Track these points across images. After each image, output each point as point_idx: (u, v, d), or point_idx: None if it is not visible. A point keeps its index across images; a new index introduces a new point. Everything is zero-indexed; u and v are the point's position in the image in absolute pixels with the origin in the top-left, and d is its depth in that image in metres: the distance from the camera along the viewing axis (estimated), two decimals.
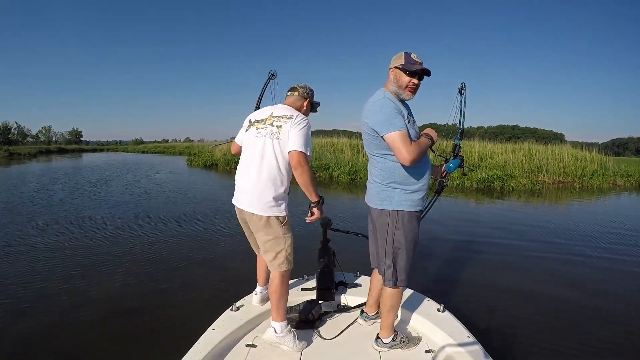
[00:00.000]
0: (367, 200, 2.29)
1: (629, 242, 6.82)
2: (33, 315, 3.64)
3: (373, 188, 2.22)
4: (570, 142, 21.28)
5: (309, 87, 2.54)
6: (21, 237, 6.43)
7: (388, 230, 2.15)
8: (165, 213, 8.61)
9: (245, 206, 2.31)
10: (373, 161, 2.21)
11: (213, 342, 2.19)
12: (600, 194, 13.79)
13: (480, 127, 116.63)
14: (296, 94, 2.48)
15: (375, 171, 2.20)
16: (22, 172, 21.13)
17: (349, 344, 2.38)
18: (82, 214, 8.46)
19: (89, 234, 6.64)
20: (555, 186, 15.33)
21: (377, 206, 2.19)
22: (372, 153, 2.19)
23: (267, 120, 2.33)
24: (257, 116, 2.43)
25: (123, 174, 18.58)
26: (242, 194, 2.34)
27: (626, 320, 3.78)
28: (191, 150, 37.23)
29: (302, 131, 2.23)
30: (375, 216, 2.22)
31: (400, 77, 2.11)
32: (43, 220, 7.60)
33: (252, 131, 2.38)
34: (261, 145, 2.28)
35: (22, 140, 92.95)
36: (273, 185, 2.25)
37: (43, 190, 12.20)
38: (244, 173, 2.35)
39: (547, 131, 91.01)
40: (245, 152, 2.40)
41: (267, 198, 2.24)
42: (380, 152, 2.12)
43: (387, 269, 2.20)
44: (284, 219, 2.31)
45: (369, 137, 2.14)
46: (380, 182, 2.16)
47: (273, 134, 2.26)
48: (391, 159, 2.09)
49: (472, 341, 2.28)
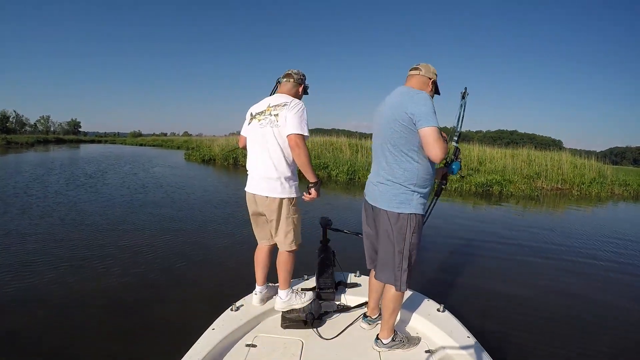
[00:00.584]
0: (376, 202, 2.21)
1: (628, 250, 6.82)
2: (22, 312, 3.52)
3: (390, 190, 2.14)
4: (569, 150, 21.35)
5: (302, 72, 2.65)
6: (12, 229, 6.34)
7: (406, 234, 2.12)
8: (163, 209, 8.55)
9: (258, 191, 2.49)
10: (398, 160, 2.10)
11: (213, 342, 2.18)
12: (598, 202, 13.82)
13: (479, 132, 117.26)
14: (292, 81, 2.60)
15: (398, 172, 2.11)
16: (19, 161, 21.00)
17: (349, 343, 2.37)
18: (77, 206, 8.39)
19: (84, 227, 6.57)
20: (553, 193, 15.34)
21: (393, 209, 2.12)
22: (400, 150, 2.09)
23: (266, 112, 2.49)
24: (257, 109, 2.57)
25: (120, 167, 18.48)
26: (254, 180, 2.52)
27: (621, 325, 3.80)
28: (189, 145, 37.08)
29: (297, 114, 2.37)
30: (391, 220, 2.14)
31: (431, 90, 2.26)
32: (36, 213, 7.49)
33: (254, 124, 2.54)
34: (263, 135, 2.45)
35: (20, 129, 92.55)
36: (281, 170, 2.43)
37: (38, 181, 12.09)
38: (253, 162, 2.53)
39: (546, 137, 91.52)
40: (251, 143, 2.56)
41: (278, 182, 2.43)
42: (409, 150, 2.07)
43: (402, 272, 2.18)
44: (294, 200, 2.50)
45: (404, 129, 2.04)
46: (402, 183, 2.10)
47: (272, 123, 2.43)
48: (416, 159, 2.08)
49: (472, 341, 2.28)
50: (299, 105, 2.40)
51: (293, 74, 2.59)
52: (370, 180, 2.33)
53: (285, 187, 2.44)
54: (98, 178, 13.43)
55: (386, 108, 2.16)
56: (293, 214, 2.50)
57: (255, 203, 2.55)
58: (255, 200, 2.53)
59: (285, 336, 2.41)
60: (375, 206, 2.22)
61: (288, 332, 2.45)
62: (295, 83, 2.59)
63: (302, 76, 2.64)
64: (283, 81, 2.60)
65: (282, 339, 2.38)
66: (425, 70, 2.23)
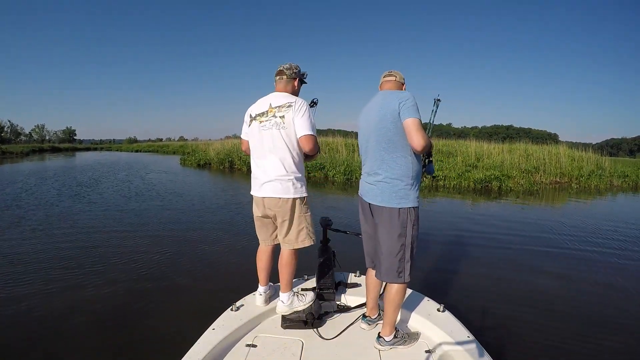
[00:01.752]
0: (377, 200, 2.26)
1: (630, 241, 6.77)
2: (7, 324, 3.42)
3: (389, 187, 2.21)
4: (565, 143, 21.41)
5: (293, 65, 2.59)
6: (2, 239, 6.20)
7: (407, 228, 2.21)
8: (159, 212, 8.46)
9: (269, 193, 2.45)
10: (394, 157, 2.20)
11: (213, 342, 2.19)
12: (597, 194, 13.82)
13: (474, 127, 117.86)
14: (285, 77, 2.54)
15: (395, 168, 2.20)
16: (14, 171, 20.86)
17: (349, 344, 2.37)
18: (73, 216, 8.29)
19: (78, 235, 6.46)
20: (552, 186, 15.33)
21: (394, 205, 2.19)
22: (395, 146, 2.18)
23: (268, 113, 2.44)
24: (256, 110, 2.52)
25: (114, 174, 18.39)
26: (262, 183, 2.47)
27: (625, 320, 3.76)
28: (185, 149, 36.93)
29: (305, 115, 2.40)
30: (393, 216, 2.20)
31: None
32: (28, 225, 7.38)
33: (255, 125, 2.50)
34: (270, 138, 2.42)
35: (15, 139, 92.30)
36: (292, 171, 2.43)
37: (30, 192, 11.95)
38: (260, 165, 2.49)
39: (542, 131, 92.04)
40: (255, 146, 2.52)
41: (290, 183, 2.43)
42: (403, 145, 2.16)
43: (406, 263, 2.26)
44: (305, 199, 2.51)
45: (395, 125, 2.15)
46: (400, 179, 2.19)
47: (278, 125, 2.40)
48: (410, 153, 2.18)
49: (472, 341, 2.29)
50: (305, 106, 2.43)
51: (285, 70, 2.54)
52: (365, 180, 2.38)
53: (297, 187, 2.45)
54: (92, 187, 13.32)
55: (374, 110, 2.26)
56: (305, 212, 2.52)
57: (264, 206, 2.52)
58: (264, 203, 2.50)
59: (285, 336, 2.42)
60: (374, 204, 2.27)
61: (288, 332, 2.46)
62: (289, 78, 2.54)
63: (295, 69, 2.57)
64: (277, 79, 2.56)
65: (282, 339, 2.38)
66: (399, 77, 2.42)
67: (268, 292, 2.73)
